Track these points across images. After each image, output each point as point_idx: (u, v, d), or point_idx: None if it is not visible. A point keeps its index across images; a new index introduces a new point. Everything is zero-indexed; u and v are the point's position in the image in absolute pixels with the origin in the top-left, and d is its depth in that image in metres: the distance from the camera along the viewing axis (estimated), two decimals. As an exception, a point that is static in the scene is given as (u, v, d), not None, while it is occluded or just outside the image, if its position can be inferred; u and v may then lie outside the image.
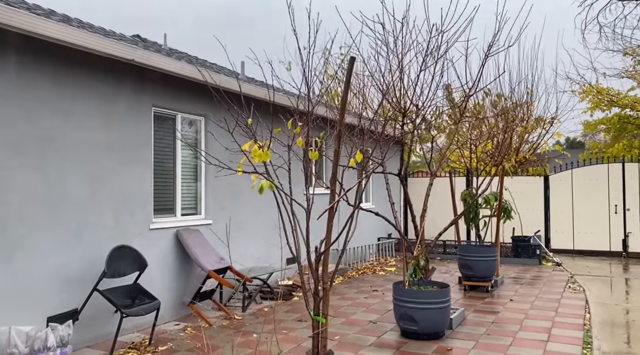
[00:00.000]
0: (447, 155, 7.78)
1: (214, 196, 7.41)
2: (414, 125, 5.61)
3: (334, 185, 3.88)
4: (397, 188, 14.45)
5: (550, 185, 13.39)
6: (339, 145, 3.71)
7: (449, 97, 7.13)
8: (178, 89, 6.68)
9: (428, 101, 5.31)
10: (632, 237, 12.41)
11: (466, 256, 8.45)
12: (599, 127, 21.23)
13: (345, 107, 3.57)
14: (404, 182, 6.26)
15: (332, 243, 3.97)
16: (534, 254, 11.50)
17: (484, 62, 5.84)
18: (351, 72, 3.41)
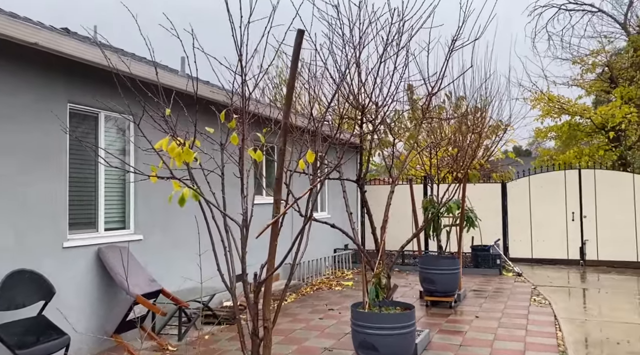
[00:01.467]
0: (408, 161, 7.17)
1: (146, 208, 6.45)
2: (373, 125, 4.91)
3: (279, 193, 3.09)
4: (355, 196, 13.83)
5: (508, 192, 13.12)
6: (284, 142, 2.93)
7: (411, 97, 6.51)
8: (101, 83, 5.71)
9: (389, 98, 4.63)
10: (589, 244, 12.26)
11: (428, 269, 7.84)
12: (549, 134, 21.48)
13: (292, 95, 2.81)
14: (363, 189, 5.53)
15: (276, 268, 3.17)
16: (495, 263, 11.10)
17: (449, 56, 5.26)
18: (299, 49, 2.66)
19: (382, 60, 4.37)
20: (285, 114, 2.81)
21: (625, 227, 11.93)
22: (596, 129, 19.03)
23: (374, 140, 6.05)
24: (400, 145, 13.27)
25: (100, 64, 5.18)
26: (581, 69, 20.36)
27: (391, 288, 5.66)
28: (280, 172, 3.05)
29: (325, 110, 3.55)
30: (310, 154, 2.81)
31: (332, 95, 3.75)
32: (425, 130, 8.91)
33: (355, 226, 5.81)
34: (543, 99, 19.84)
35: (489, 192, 13.17)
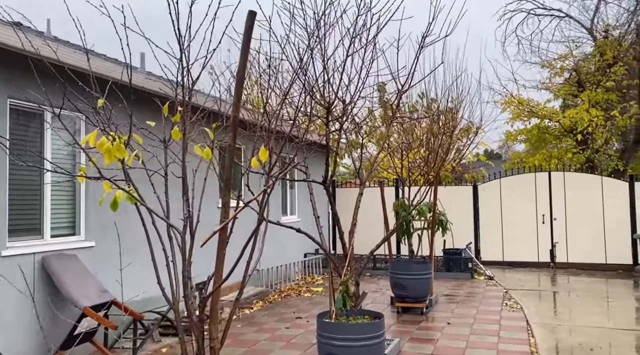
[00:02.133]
0: (378, 162, 6.92)
1: (98, 212, 6.00)
2: (340, 124, 4.63)
3: (228, 196, 2.77)
4: (326, 199, 13.54)
5: (479, 194, 13.06)
6: (233, 138, 2.60)
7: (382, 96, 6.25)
8: (48, 78, 5.25)
9: (357, 94, 4.35)
10: (559, 247, 12.28)
11: (399, 274, 7.60)
12: (519, 137, 21.67)
13: (242, 85, 2.49)
14: (329, 191, 5.24)
15: (223, 280, 2.84)
16: (466, 267, 10.98)
17: (419, 53, 5.03)
18: (250, 32, 2.35)
19: (349, 54, 4.09)
20: (235, 107, 2.49)
21: (594, 230, 11.99)
22: (565, 132, 19.26)
23: (341, 140, 5.78)
24: (372, 147, 13.09)
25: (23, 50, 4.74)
26: (550, 72, 20.62)
27: (360, 296, 5.39)
28: (229, 172, 2.72)
29: (281, 101, 3.22)
30: (263, 151, 2.48)
31: (289, 85, 3.43)
32: (397, 131, 8.70)
33: (322, 230, 5.51)
34: (513, 102, 20.00)
35: (460, 194, 13.08)
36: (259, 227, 2.90)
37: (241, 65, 2.41)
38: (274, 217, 10.67)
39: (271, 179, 2.80)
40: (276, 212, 10.74)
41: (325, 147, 4.89)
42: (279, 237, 10.69)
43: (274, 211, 10.61)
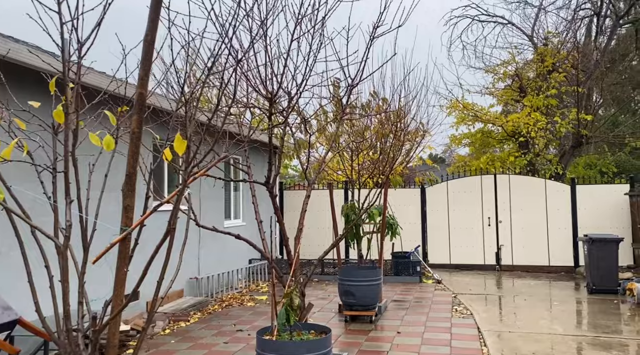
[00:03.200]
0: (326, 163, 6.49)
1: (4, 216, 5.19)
2: (284, 117, 4.14)
3: (131, 198, 2.22)
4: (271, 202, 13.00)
5: (427, 197, 12.95)
6: (138, 123, 2.05)
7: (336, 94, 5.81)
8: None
9: (303, 83, 3.88)
10: (504, 249, 12.35)
11: (348, 281, 7.19)
12: (464, 141, 22.00)
13: (151, 53, 1.95)
14: (274, 193, 4.73)
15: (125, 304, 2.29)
16: (415, 271, 10.76)
17: (370, 44, 4.63)
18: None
19: (294, 38, 3.61)
20: (142, 82, 1.95)
21: (538, 232, 12.14)
22: (507, 136, 19.68)
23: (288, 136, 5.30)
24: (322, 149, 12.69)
25: None
26: (493, 78, 21.06)
27: (306, 308, 4.92)
28: (134, 166, 2.16)
29: (202, 82, 2.67)
30: (179, 141, 1.94)
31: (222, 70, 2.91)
32: (347, 132, 8.33)
33: (269, 236, 5.00)
34: (458, 107, 20.25)
35: (409, 197, 12.93)
36: (166, 236, 2.34)
37: (150, 27, 1.87)
38: (216, 222, 10.01)
39: (189, 176, 2.25)
40: (218, 216, 10.09)
41: (268, 145, 4.38)
42: (222, 242, 10.08)
43: (215, 215, 9.96)
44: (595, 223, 11.62)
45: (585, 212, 11.89)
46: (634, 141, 17.98)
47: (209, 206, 9.54)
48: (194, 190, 8.95)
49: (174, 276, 2.43)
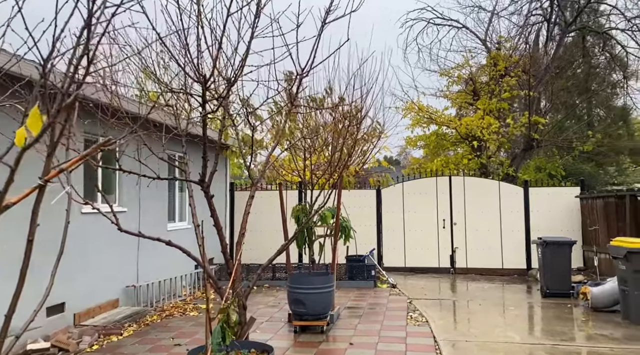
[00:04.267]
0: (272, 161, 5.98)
1: None
2: (221, 104, 3.60)
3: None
4: (222, 202, 12.34)
5: (383, 199, 12.66)
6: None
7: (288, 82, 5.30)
8: None
9: (240, 66, 3.36)
10: (459, 252, 12.21)
11: (297, 289, 6.70)
12: (419, 143, 22.00)
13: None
14: (209, 194, 4.18)
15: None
16: (369, 275, 10.40)
17: (321, 30, 4.18)
18: None
19: (231, 12, 3.09)
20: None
21: (492, 234, 12.07)
22: (461, 139, 19.78)
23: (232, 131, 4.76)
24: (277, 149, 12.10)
25: None
26: (448, 81, 21.15)
27: (247, 323, 4.39)
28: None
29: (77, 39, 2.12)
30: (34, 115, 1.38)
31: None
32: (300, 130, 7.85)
33: (204, 241, 4.44)
34: (413, 109, 20.18)
35: (364, 198, 12.59)
36: (29, 250, 1.77)
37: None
38: (158, 224, 9.29)
39: (52, 166, 1.68)
40: (161, 218, 9.36)
41: (202, 137, 3.82)
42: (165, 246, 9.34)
43: (157, 217, 9.24)
44: (547, 225, 11.66)
45: (538, 215, 11.92)
46: (580, 145, 18.42)
47: (149, 207, 8.81)
48: (129, 190, 8.22)
49: (40, 305, 1.84)
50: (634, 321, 6.93)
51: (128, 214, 8.27)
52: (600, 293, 7.80)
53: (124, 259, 8.13)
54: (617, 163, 21.52)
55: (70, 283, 6.83)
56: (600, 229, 10.76)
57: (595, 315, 7.51)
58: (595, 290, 7.87)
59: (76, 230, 6.97)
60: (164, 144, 5.08)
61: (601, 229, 10.74)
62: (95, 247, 7.38)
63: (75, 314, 6.90)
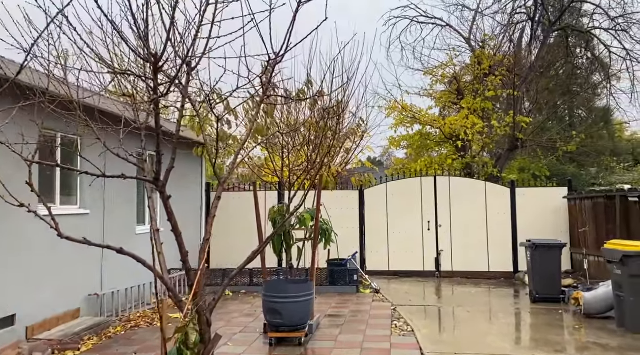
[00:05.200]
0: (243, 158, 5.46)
1: None
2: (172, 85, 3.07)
3: None
4: (200, 203, 11.74)
5: (366, 200, 12.19)
6: None
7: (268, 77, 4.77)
8: None
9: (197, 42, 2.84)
10: (444, 255, 11.80)
11: (274, 298, 6.17)
12: (402, 143, 21.63)
13: None
14: (165, 194, 3.63)
15: None
16: (352, 280, 9.91)
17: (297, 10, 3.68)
18: None
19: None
20: None
21: (478, 236, 11.69)
22: (445, 138, 19.45)
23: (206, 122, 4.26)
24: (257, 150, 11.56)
25: None
26: (432, 80, 20.83)
27: (210, 341, 3.85)
28: None
29: None
30: None
31: None
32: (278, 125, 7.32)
33: (161, 248, 3.90)
34: (397, 108, 19.80)
35: (346, 199, 12.11)
36: None
37: None
38: (127, 228, 8.66)
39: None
40: (129, 221, 8.74)
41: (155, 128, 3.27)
42: (134, 250, 8.72)
43: (125, 219, 8.61)
44: (534, 227, 11.30)
45: (525, 216, 11.57)
46: (564, 146, 18.24)
47: (116, 209, 8.18)
48: (93, 191, 7.60)
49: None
50: (630, 329, 6.56)
51: (91, 217, 7.65)
52: (593, 299, 7.43)
53: (87, 265, 7.49)
54: (599, 164, 21.42)
55: (23, 292, 6.20)
56: (589, 230, 10.45)
57: (588, 322, 7.13)
58: (588, 295, 7.49)
59: (31, 235, 6.34)
60: (121, 139, 4.53)
61: (590, 231, 10.43)
62: (54, 253, 6.74)
63: (28, 327, 6.26)
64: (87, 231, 7.73)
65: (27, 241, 6.32)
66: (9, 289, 6.01)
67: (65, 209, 7.16)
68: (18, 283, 6.15)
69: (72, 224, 7.25)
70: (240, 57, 3.59)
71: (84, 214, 7.50)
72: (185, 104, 3.36)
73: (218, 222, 11.26)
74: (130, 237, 8.55)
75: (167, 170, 3.49)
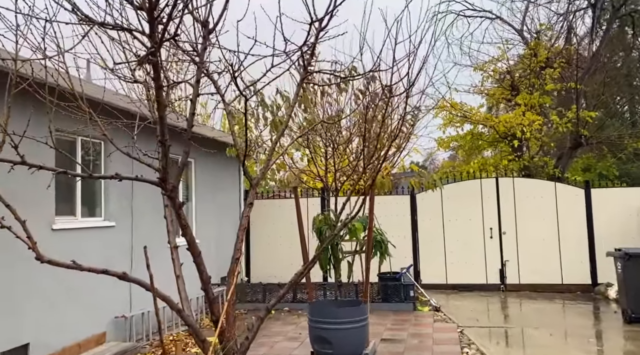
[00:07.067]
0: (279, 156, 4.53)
1: None
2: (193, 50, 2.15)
3: None
4: (236, 212, 10.92)
5: (418, 205, 11.06)
6: None
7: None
8: None
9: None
10: (510, 265, 10.49)
11: (322, 324, 5.19)
12: (452, 144, 20.29)
13: None
14: (175, 200, 2.73)
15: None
16: (408, 296, 8.79)
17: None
18: None
19: None
20: None
21: (548, 244, 10.32)
22: (499, 138, 18.02)
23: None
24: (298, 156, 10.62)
25: None
26: (482, 75, 19.45)
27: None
28: None
29: None
30: None
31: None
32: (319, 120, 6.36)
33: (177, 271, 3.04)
34: (445, 107, 18.53)
35: (395, 205, 11.02)
36: None
37: None
38: (159, 240, 7.90)
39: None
40: (161, 232, 7.95)
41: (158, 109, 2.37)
42: (167, 263, 7.97)
43: (156, 231, 7.85)
44: (615, 233, 9.82)
45: (604, 220, 10.12)
46: (634, 142, 16.44)
47: (145, 220, 7.43)
48: (120, 200, 6.87)
49: None
50: None
51: (117, 229, 6.92)
52: None
53: (113, 283, 6.72)
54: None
55: (39, 317, 5.48)
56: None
57: None
58: None
59: (47, 250, 5.62)
60: (134, 136, 3.71)
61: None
62: (74, 271, 6.01)
63: (43, 357, 5.52)
64: (114, 245, 7.01)
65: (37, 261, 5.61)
66: (22, 314, 5.29)
67: (87, 221, 6.45)
68: (32, 306, 5.43)
69: (96, 237, 6.54)
70: (278, 18, 2.66)
71: (109, 227, 6.77)
72: (200, 77, 2.47)
73: (258, 232, 10.21)
74: (161, 250, 7.77)
75: (179, 169, 2.59)
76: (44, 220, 5.59)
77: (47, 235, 5.66)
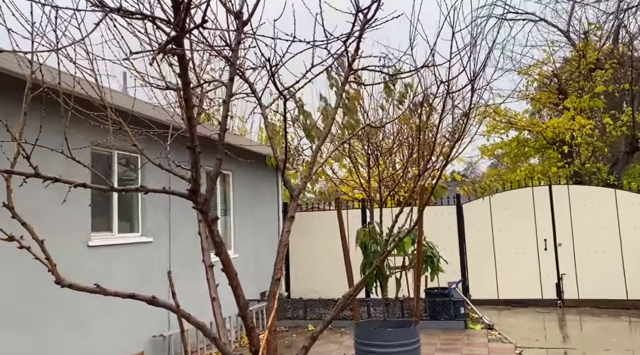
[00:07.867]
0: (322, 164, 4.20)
1: None
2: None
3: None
4: (275, 226, 10.66)
5: (465, 216, 10.48)
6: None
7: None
8: None
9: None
10: (567, 279, 9.75)
11: (369, 347, 4.78)
12: (496, 151, 19.49)
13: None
14: (207, 214, 2.39)
15: None
16: (458, 313, 8.23)
17: None
18: None
19: None
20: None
21: (609, 256, 9.54)
22: (547, 144, 17.16)
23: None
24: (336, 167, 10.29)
25: None
26: (527, 79, 18.64)
27: None
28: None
29: None
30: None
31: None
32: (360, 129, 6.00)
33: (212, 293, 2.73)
34: (489, 113, 17.80)
35: (440, 216, 10.47)
36: None
37: None
38: (195, 256, 7.70)
39: None
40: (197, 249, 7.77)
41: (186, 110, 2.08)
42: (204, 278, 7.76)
43: (195, 247, 7.65)
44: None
45: (672, 230, 9.29)
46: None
47: (183, 236, 7.23)
48: (157, 214, 6.70)
49: None
50: None
51: (154, 245, 6.73)
52: None
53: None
54: None
55: (68, 338, 5.29)
56: None
57: None
58: None
59: (82, 268, 5.46)
60: (167, 145, 3.45)
61: None
62: (111, 287, 5.84)
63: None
64: (151, 261, 6.83)
65: (74, 271, 5.45)
66: (49, 335, 5.10)
67: (123, 237, 6.29)
68: (61, 326, 5.24)
69: (133, 253, 6.37)
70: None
71: (147, 243, 6.60)
72: (234, 75, 2.17)
73: (297, 245, 9.75)
74: (199, 266, 7.57)
75: (212, 181, 2.28)
76: (80, 237, 5.44)
77: (82, 251, 5.50)
